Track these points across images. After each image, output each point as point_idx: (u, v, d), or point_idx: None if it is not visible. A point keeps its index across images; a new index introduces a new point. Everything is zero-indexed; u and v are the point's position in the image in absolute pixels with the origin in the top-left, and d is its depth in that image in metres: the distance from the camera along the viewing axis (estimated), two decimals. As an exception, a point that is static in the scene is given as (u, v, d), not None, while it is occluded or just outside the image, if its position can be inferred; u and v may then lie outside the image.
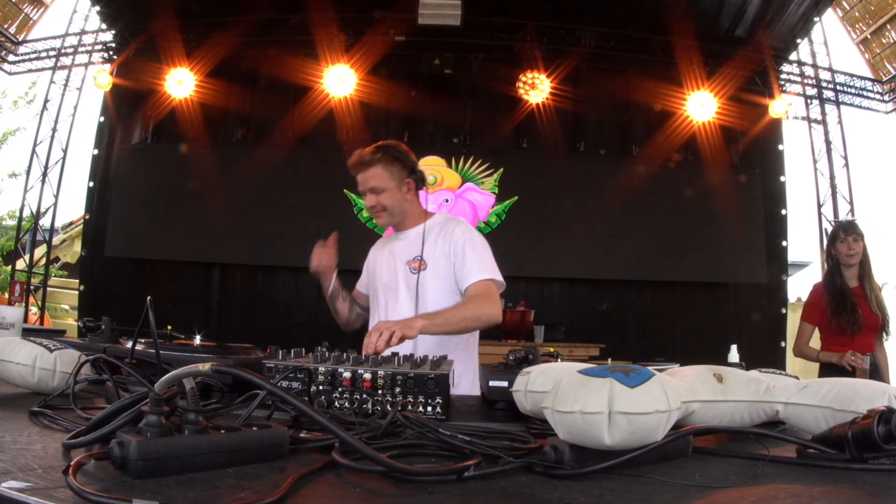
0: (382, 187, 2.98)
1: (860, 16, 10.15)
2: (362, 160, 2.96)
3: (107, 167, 9.26)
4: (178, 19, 8.64)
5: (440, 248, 3.02)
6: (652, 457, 1.11)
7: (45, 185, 9.92)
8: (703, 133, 8.85)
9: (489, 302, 2.86)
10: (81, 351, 1.76)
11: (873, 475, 1.09)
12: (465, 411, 1.90)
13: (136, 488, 0.87)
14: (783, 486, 1.03)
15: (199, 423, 0.99)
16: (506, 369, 1.87)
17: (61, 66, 9.86)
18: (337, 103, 8.56)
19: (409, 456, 1.13)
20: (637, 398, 1.04)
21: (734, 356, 3.23)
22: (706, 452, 1.27)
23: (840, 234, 4.80)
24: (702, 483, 1.04)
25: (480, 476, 1.02)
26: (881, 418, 1.10)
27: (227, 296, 8.95)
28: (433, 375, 1.58)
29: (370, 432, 1.20)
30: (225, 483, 0.92)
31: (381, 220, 3.09)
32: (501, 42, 8.74)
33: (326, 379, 1.59)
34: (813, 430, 1.35)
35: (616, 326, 8.92)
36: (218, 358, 1.78)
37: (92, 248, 9.21)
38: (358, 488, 0.96)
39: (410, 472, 0.98)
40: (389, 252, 3.14)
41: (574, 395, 1.06)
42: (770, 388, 1.49)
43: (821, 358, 4.76)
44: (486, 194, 8.59)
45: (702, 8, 8.59)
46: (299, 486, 0.92)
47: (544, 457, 1.08)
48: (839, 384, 1.39)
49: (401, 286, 3.03)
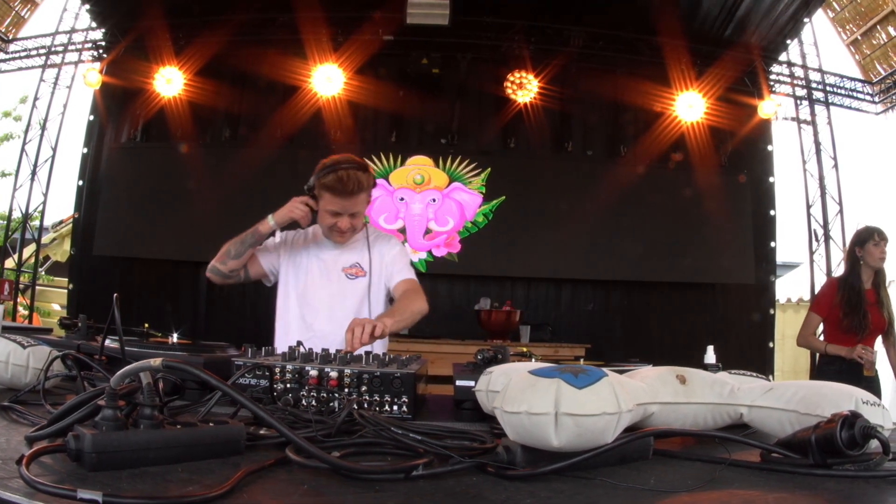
0: (361, 212, 3.01)
1: (850, 17, 10.16)
2: (356, 186, 2.90)
3: (96, 166, 9.22)
4: (166, 18, 8.61)
5: (377, 257, 3.11)
6: (610, 459, 1.11)
7: (34, 183, 9.90)
8: (692, 134, 8.84)
9: (421, 296, 3.00)
10: (57, 348, 1.78)
11: (835, 482, 1.07)
12: (436, 411, 1.92)
13: (88, 480, 0.89)
14: (739, 491, 1.03)
15: (155, 418, 1.01)
16: (474, 369, 1.88)
17: (51, 65, 9.84)
18: (325, 103, 8.54)
19: (364, 454, 1.14)
20: (584, 399, 1.04)
21: (711, 357, 3.21)
22: (667, 455, 1.26)
23: (875, 237, 4.90)
24: (656, 487, 1.02)
25: (429, 475, 1.02)
26: (845, 423, 1.08)
27: (215, 295, 8.91)
28: (399, 374, 1.59)
29: (326, 430, 1.21)
30: (176, 477, 0.94)
31: (342, 239, 3.08)
32: (490, 42, 8.72)
33: (294, 377, 1.61)
34: (778, 434, 1.33)
35: (603, 327, 8.92)
36: (189, 356, 1.81)
37: (81, 247, 9.18)
38: (305, 485, 0.96)
39: (354, 469, 0.99)
40: (318, 257, 3.14)
41: (521, 396, 1.06)
42: (734, 390, 1.47)
43: (829, 350, 4.88)
44: (474, 194, 8.59)
45: (691, 8, 8.59)
46: (248, 481, 0.93)
47: (497, 457, 1.09)
48: (805, 387, 1.36)
49: (347, 292, 3.07)
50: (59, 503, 0.79)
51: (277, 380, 1.60)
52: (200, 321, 8.86)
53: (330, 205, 2.93)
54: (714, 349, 3.15)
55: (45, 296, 13.17)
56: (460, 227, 8.51)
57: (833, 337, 4.97)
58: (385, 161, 8.67)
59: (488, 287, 8.48)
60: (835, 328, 4.96)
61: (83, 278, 9.17)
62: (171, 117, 8.78)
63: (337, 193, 2.89)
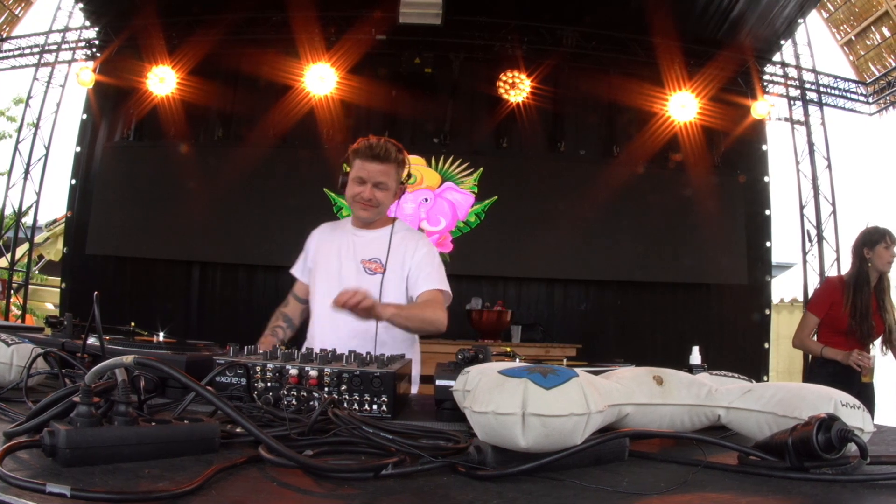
0: (387, 185, 2.96)
1: (845, 17, 10.16)
2: (385, 152, 2.91)
3: (89, 165, 9.21)
4: (160, 17, 8.61)
5: (399, 256, 3.02)
6: (584, 460, 1.10)
7: (27, 182, 9.89)
8: (685, 134, 8.84)
9: (441, 310, 2.92)
10: (43, 346, 1.80)
11: (811, 486, 1.06)
12: (419, 410, 1.92)
13: (62, 475, 0.91)
14: (712, 494, 1.02)
15: (129, 415, 1.02)
16: (455, 368, 1.85)
17: (45, 63, 9.83)
18: (318, 102, 8.54)
19: (339, 453, 1.14)
20: (552, 400, 1.03)
21: (696, 358, 3.21)
22: (643, 457, 1.25)
23: (887, 240, 4.77)
24: (627, 489, 1.01)
25: (398, 475, 1.02)
26: (821, 426, 1.06)
27: (207, 294, 8.93)
28: (378, 373, 1.60)
29: (300, 429, 1.22)
30: (149, 473, 0.95)
31: (365, 213, 3.02)
32: (482, 41, 8.74)
33: (274, 376, 1.62)
34: (756, 436, 1.31)
35: (595, 327, 8.92)
36: (172, 354, 1.82)
37: (74, 246, 9.15)
38: (275, 482, 0.97)
39: (321, 468, 0.99)
40: (340, 245, 3.10)
41: (489, 396, 1.06)
42: (712, 391, 1.45)
43: (825, 354, 4.74)
44: (466, 194, 8.59)
45: (684, 8, 8.56)
46: (218, 478, 0.94)
47: (468, 457, 1.08)
48: (784, 389, 1.34)
49: (361, 286, 2.89)
50: (30, 497, 0.80)
51: (258, 378, 1.62)
52: (193, 320, 8.85)
53: (357, 170, 2.95)
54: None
55: (38, 295, 13.12)
56: (452, 226, 8.51)
57: (829, 339, 4.83)
58: (377, 160, 8.59)
59: (480, 287, 8.46)
60: (831, 330, 4.84)
61: (76, 277, 9.16)
62: (163, 116, 8.77)
63: (364, 157, 2.92)
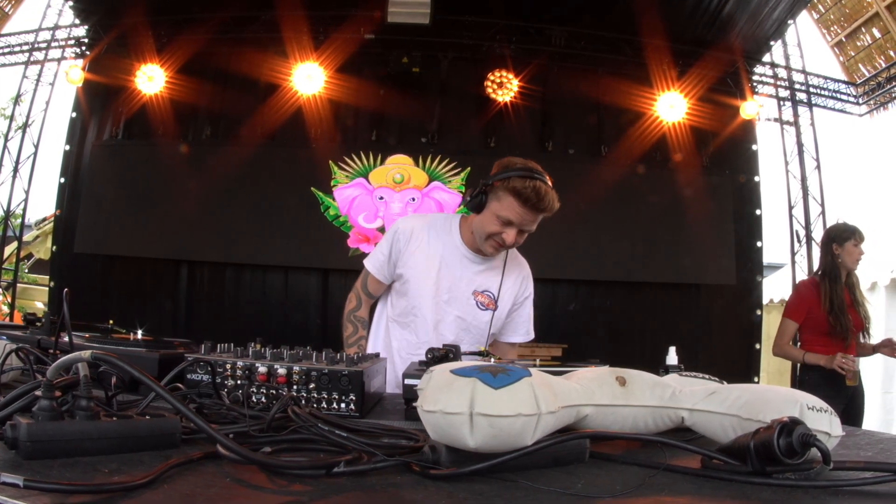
0: (531, 230, 2.69)
1: (835, 18, 10.23)
2: (549, 207, 2.62)
3: (78, 163, 9.21)
4: (148, 15, 8.63)
5: (510, 294, 2.82)
6: (541, 461, 1.09)
7: (16, 180, 9.88)
8: (674, 134, 8.88)
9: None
10: (19, 343, 1.82)
11: (772, 491, 1.03)
12: (390, 409, 1.90)
13: (22, 467, 0.93)
14: (667, 498, 1.00)
15: (91, 410, 1.04)
16: (425, 367, 1.82)
17: (34, 61, 9.83)
18: (305, 101, 8.56)
19: (298, 450, 1.15)
20: (499, 400, 1.02)
21: (672, 358, 3.19)
22: (605, 459, 1.22)
23: (856, 237, 4.72)
24: (580, 492, 0.99)
25: (351, 473, 1.01)
26: (783, 430, 1.03)
27: (195, 293, 8.93)
28: (347, 372, 1.60)
29: (260, 425, 1.24)
30: (107, 467, 0.97)
31: (493, 252, 2.73)
32: (471, 41, 8.77)
33: (244, 374, 1.64)
34: (721, 439, 1.28)
35: (584, 327, 8.95)
36: (145, 352, 1.85)
37: (62, 245, 9.15)
38: (228, 478, 0.98)
39: (272, 465, 1.00)
40: (447, 258, 2.79)
41: (438, 395, 1.06)
42: (676, 393, 1.41)
43: (807, 360, 4.67)
44: (453, 193, 8.61)
45: (673, 8, 8.59)
46: (173, 472, 0.96)
47: (422, 456, 1.08)
48: (749, 391, 1.31)
49: (468, 318, 2.77)
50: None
51: (228, 376, 1.64)
52: (181, 319, 8.85)
53: (508, 211, 2.58)
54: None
55: (28, 293, 13.12)
56: (440, 226, 8.42)
57: (812, 342, 4.78)
58: (365, 160, 8.66)
59: (468, 286, 8.37)
60: (814, 334, 4.79)
61: (64, 276, 9.13)
62: (152, 115, 8.78)
63: (526, 203, 2.56)
